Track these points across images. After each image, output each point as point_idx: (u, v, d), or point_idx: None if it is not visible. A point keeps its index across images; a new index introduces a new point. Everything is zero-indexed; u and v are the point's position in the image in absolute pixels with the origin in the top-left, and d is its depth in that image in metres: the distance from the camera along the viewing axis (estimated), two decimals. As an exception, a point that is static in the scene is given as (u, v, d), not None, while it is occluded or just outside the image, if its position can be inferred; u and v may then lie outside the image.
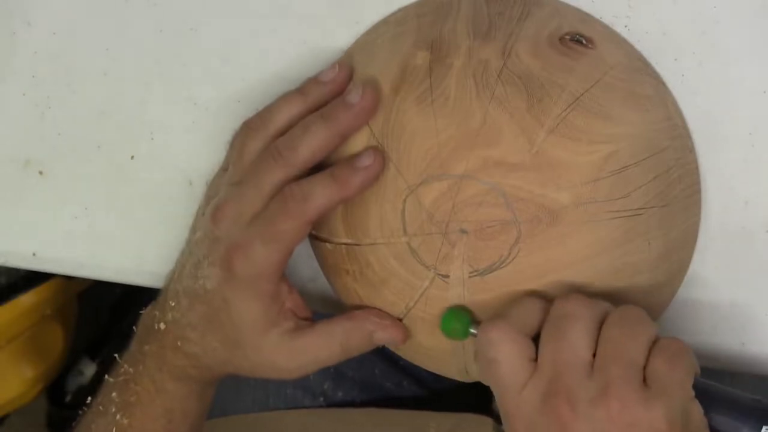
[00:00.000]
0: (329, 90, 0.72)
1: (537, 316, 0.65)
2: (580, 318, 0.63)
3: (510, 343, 0.64)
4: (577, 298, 0.65)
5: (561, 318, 0.64)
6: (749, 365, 0.76)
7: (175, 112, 0.81)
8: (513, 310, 0.65)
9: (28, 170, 0.83)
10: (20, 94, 0.82)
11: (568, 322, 0.63)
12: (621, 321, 0.63)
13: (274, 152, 0.69)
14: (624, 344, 0.62)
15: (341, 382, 0.96)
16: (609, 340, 0.62)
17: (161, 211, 0.82)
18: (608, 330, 0.63)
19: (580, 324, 0.63)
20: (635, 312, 0.64)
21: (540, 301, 0.66)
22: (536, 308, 0.66)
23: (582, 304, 0.64)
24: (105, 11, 0.80)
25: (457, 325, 0.68)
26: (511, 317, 0.65)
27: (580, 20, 0.71)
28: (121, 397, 0.75)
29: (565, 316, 0.64)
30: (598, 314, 0.64)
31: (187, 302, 0.71)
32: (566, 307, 0.64)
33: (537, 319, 0.65)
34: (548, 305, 0.65)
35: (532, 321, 0.65)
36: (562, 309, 0.64)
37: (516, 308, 0.66)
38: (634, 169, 0.67)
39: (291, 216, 0.68)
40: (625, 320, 0.63)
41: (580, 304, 0.64)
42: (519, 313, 0.65)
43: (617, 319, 0.63)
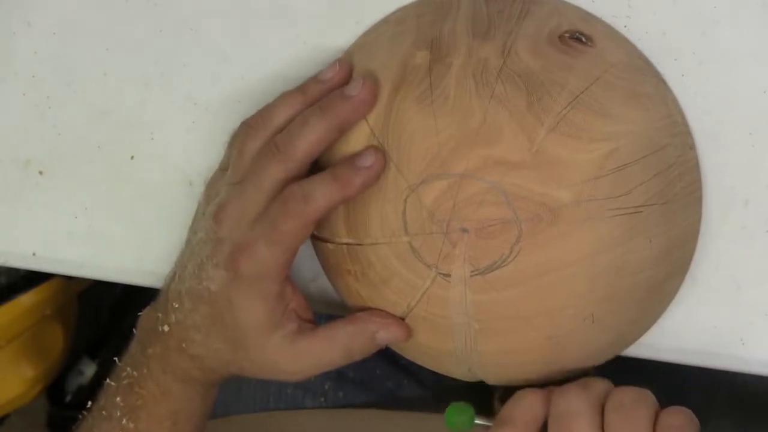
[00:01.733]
0: (329, 88, 0.72)
1: (540, 410, 0.68)
2: (581, 413, 0.66)
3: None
4: (574, 391, 0.68)
5: (564, 415, 0.67)
6: (749, 365, 0.76)
7: (175, 112, 0.81)
8: (517, 411, 0.68)
9: (28, 170, 0.83)
10: (20, 94, 0.82)
11: (572, 418, 0.66)
12: (619, 406, 0.66)
13: (272, 148, 0.69)
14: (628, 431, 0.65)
15: (342, 382, 0.96)
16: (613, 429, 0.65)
17: (161, 211, 0.82)
18: (609, 417, 0.66)
19: (582, 419, 0.66)
20: (630, 394, 0.67)
21: (539, 394, 0.69)
22: (537, 403, 0.68)
23: (580, 397, 0.67)
24: (105, 11, 0.80)
25: (462, 419, 0.71)
26: (517, 419, 0.68)
27: (579, 18, 0.71)
28: (125, 401, 0.75)
29: (567, 413, 0.67)
30: (597, 400, 0.67)
31: (191, 304, 0.71)
32: (566, 403, 0.67)
33: (540, 413, 0.68)
34: (548, 396, 0.68)
35: (537, 417, 0.68)
36: (563, 405, 0.67)
37: (519, 407, 0.69)
38: (634, 166, 0.67)
39: (292, 217, 0.68)
40: (622, 405, 0.66)
41: (578, 398, 0.67)
42: (523, 413, 0.68)
43: (615, 404, 0.66)
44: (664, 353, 0.76)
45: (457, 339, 0.70)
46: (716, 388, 0.88)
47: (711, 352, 0.76)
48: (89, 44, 0.81)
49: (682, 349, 0.76)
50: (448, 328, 0.70)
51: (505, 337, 0.69)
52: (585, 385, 0.68)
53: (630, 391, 0.67)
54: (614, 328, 0.70)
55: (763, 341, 0.75)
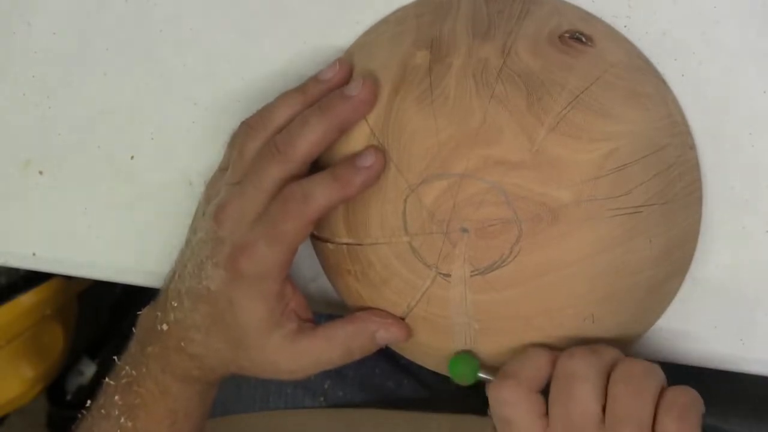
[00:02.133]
0: (329, 88, 0.72)
1: (545, 370, 0.68)
2: (587, 376, 0.66)
3: (521, 402, 0.67)
4: (582, 354, 0.67)
5: (568, 377, 0.66)
6: (749, 365, 0.76)
7: (175, 112, 0.81)
8: (521, 366, 0.68)
9: (28, 170, 0.83)
10: (20, 94, 0.82)
11: (576, 381, 0.66)
12: (627, 377, 0.66)
13: (272, 148, 0.69)
14: (632, 404, 0.64)
15: (342, 381, 0.96)
16: (617, 398, 0.65)
17: (161, 211, 0.82)
18: (615, 387, 0.65)
19: (587, 383, 0.66)
20: (640, 367, 0.66)
21: (546, 354, 0.68)
22: (543, 362, 0.68)
23: (587, 361, 0.66)
24: (105, 11, 0.80)
25: (466, 370, 0.71)
26: (520, 375, 0.67)
27: (579, 18, 0.71)
28: (124, 400, 0.75)
29: (572, 375, 0.66)
30: (604, 367, 0.66)
31: (191, 303, 0.71)
32: (572, 365, 0.67)
33: (545, 373, 0.68)
34: (554, 357, 0.68)
35: (541, 376, 0.68)
36: (568, 367, 0.67)
37: (524, 364, 0.68)
38: (634, 166, 0.67)
39: (292, 216, 0.68)
40: (630, 376, 0.66)
41: (585, 361, 0.66)
42: (527, 370, 0.68)
43: (623, 375, 0.66)
44: (664, 353, 0.76)
45: (457, 339, 0.70)
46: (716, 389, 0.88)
47: (711, 352, 0.76)
48: (89, 44, 0.81)
49: (683, 349, 0.76)
50: (448, 328, 0.70)
51: (505, 337, 0.69)
52: (594, 350, 0.67)
53: (639, 363, 0.66)
54: (614, 328, 0.70)
55: (763, 341, 0.75)
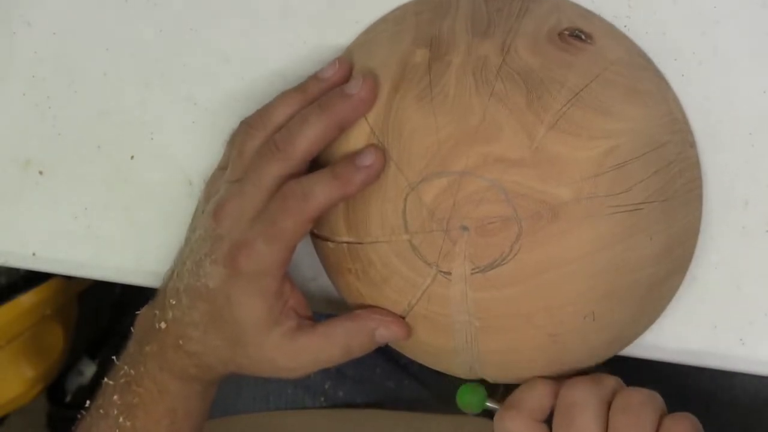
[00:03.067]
0: (329, 87, 0.72)
1: (548, 400, 0.70)
2: (588, 406, 0.67)
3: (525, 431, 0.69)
4: (584, 384, 0.68)
5: (570, 406, 0.68)
6: (749, 365, 0.76)
7: (175, 112, 0.81)
8: (525, 397, 0.70)
9: (28, 170, 0.83)
10: (20, 94, 0.82)
11: (577, 411, 0.67)
12: (627, 407, 0.67)
13: (272, 146, 0.69)
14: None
15: (342, 381, 0.96)
16: (618, 428, 0.66)
17: (161, 211, 0.82)
18: (615, 417, 0.67)
19: (588, 413, 0.67)
20: (639, 396, 0.68)
21: (549, 384, 0.70)
22: (547, 392, 0.70)
23: (588, 391, 0.68)
24: (105, 11, 0.80)
25: (473, 400, 0.73)
26: (524, 405, 0.69)
27: (579, 16, 0.71)
28: (123, 400, 0.75)
29: (574, 405, 0.68)
30: (605, 397, 0.68)
31: (189, 300, 0.71)
32: (574, 395, 0.68)
33: (548, 403, 0.69)
34: (557, 387, 0.70)
35: (544, 406, 0.69)
36: (570, 397, 0.68)
37: (528, 394, 0.70)
38: (634, 163, 0.67)
39: (291, 214, 0.68)
40: (630, 406, 0.67)
41: (586, 391, 0.68)
42: (531, 400, 0.70)
43: (623, 404, 0.67)
44: (664, 353, 0.76)
45: (458, 337, 0.70)
46: (716, 388, 0.89)
47: (711, 352, 0.76)
48: (89, 44, 0.81)
49: (682, 349, 0.76)
50: (449, 327, 0.70)
51: (505, 335, 0.69)
52: (595, 379, 0.69)
53: (638, 393, 0.68)
54: (615, 325, 0.70)
55: (763, 341, 0.75)
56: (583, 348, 0.71)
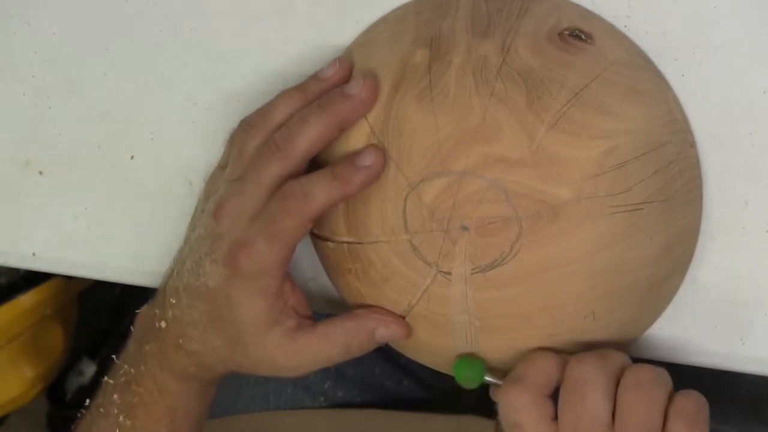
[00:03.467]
0: (329, 86, 0.72)
1: (554, 374, 0.68)
2: (597, 382, 0.66)
3: (531, 406, 0.67)
4: (592, 359, 0.67)
5: (578, 382, 0.67)
6: (749, 365, 0.76)
7: (175, 112, 0.81)
8: (530, 370, 0.68)
9: (28, 170, 0.83)
10: (20, 94, 0.83)
11: (586, 386, 0.66)
12: (636, 384, 0.66)
13: (271, 145, 0.69)
14: (642, 411, 0.65)
15: (341, 381, 0.96)
16: (626, 406, 0.65)
17: (161, 211, 0.82)
18: (625, 394, 0.66)
19: (597, 389, 0.66)
20: (649, 373, 0.67)
21: (555, 358, 0.68)
22: (553, 366, 0.68)
23: (597, 367, 0.67)
24: (105, 11, 0.80)
25: (471, 374, 0.71)
26: (529, 379, 0.68)
27: (579, 16, 0.71)
28: (122, 399, 0.75)
29: (582, 380, 0.66)
30: (613, 373, 0.67)
31: (189, 300, 0.71)
32: (582, 371, 0.67)
33: (554, 377, 0.68)
34: (564, 362, 0.68)
35: (550, 380, 0.68)
36: (578, 372, 0.67)
37: (533, 368, 0.68)
38: (634, 164, 0.67)
39: (291, 214, 0.68)
40: (640, 383, 0.66)
41: (595, 367, 0.67)
42: (536, 374, 0.68)
43: (633, 381, 0.66)
44: (665, 353, 0.76)
45: (458, 337, 0.70)
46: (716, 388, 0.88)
47: (711, 352, 0.76)
48: (89, 44, 0.81)
49: (682, 349, 0.76)
50: (449, 326, 0.70)
51: (505, 335, 0.69)
52: (604, 355, 0.68)
53: (648, 370, 0.67)
54: (614, 325, 0.70)
55: (763, 341, 0.75)
56: (583, 348, 0.71)
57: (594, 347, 0.70)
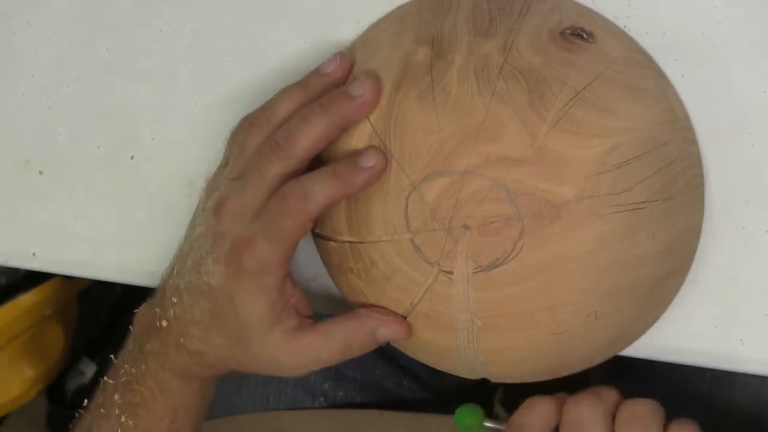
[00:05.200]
0: (330, 82, 0.72)
1: (552, 418, 0.70)
2: (593, 421, 0.68)
3: None
4: (588, 400, 0.69)
5: (575, 424, 0.69)
6: (749, 365, 0.76)
7: (175, 112, 0.81)
8: (528, 417, 0.70)
9: (28, 170, 0.83)
10: (20, 94, 0.83)
11: (583, 427, 0.68)
12: (632, 418, 0.68)
13: (272, 144, 0.69)
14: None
15: (342, 382, 0.96)
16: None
17: (161, 211, 0.82)
18: (623, 430, 0.68)
19: (594, 428, 0.68)
20: (643, 407, 0.69)
21: (552, 403, 0.70)
22: (551, 410, 0.70)
23: (593, 407, 0.69)
24: (105, 11, 0.81)
25: (471, 422, 0.73)
26: (528, 425, 0.70)
27: (580, 14, 0.71)
28: (124, 399, 0.75)
29: (578, 422, 0.69)
30: (609, 410, 0.69)
31: (190, 298, 0.71)
32: (579, 412, 0.69)
33: (553, 421, 0.70)
34: (560, 405, 0.70)
35: (549, 425, 0.70)
36: (575, 414, 0.69)
37: (531, 414, 0.70)
38: (636, 162, 0.67)
39: (291, 214, 0.68)
40: (636, 417, 0.68)
41: (591, 407, 0.69)
42: (534, 419, 0.70)
43: (628, 416, 0.68)
44: (664, 353, 0.76)
45: (460, 336, 0.70)
46: (716, 388, 0.89)
47: (711, 352, 0.76)
48: (89, 44, 0.81)
49: (682, 349, 0.76)
50: (451, 326, 0.70)
51: (508, 334, 0.69)
52: (597, 394, 0.69)
53: (642, 404, 0.69)
54: (617, 324, 0.70)
55: (763, 341, 0.75)
56: (586, 347, 0.71)
57: (596, 346, 0.71)
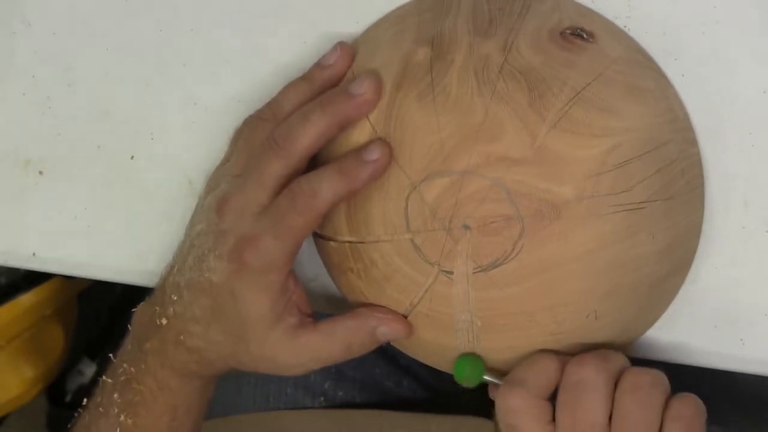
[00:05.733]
0: (333, 73, 0.72)
1: (553, 377, 0.68)
2: (595, 385, 0.67)
3: (529, 410, 0.68)
4: (591, 361, 0.68)
5: (576, 384, 0.67)
6: (749, 365, 0.76)
7: (175, 112, 0.81)
8: (530, 372, 0.69)
9: (28, 170, 0.83)
10: (20, 94, 0.83)
11: (584, 389, 0.67)
12: (634, 388, 0.66)
13: (272, 143, 0.69)
14: (639, 414, 0.66)
15: (342, 381, 0.96)
16: (624, 409, 0.66)
17: (161, 211, 0.82)
18: (623, 397, 0.66)
19: (595, 391, 0.67)
20: (647, 377, 0.67)
21: (555, 361, 0.69)
22: (552, 369, 0.68)
23: (596, 369, 0.67)
24: (105, 11, 0.81)
25: (470, 373, 0.71)
26: (528, 382, 0.68)
27: (580, 14, 0.71)
28: (123, 398, 0.75)
29: (580, 383, 0.67)
30: (612, 376, 0.67)
31: (191, 296, 0.71)
32: (581, 373, 0.67)
33: (553, 379, 0.68)
34: (563, 364, 0.69)
35: (549, 383, 0.68)
36: (576, 374, 0.67)
37: (532, 370, 0.69)
38: (636, 162, 0.67)
39: (300, 212, 0.68)
40: (638, 387, 0.67)
41: (594, 369, 0.67)
42: (536, 377, 0.68)
43: (631, 385, 0.67)
44: (664, 353, 0.76)
45: (460, 336, 0.70)
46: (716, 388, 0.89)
47: (711, 352, 0.76)
48: (89, 44, 0.81)
49: (682, 349, 0.76)
50: (451, 326, 0.70)
51: (508, 333, 0.69)
52: (604, 357, 0.68)
53: (646, 373, 0.67)
54: (617, 324, 0.70)
55: (763, 341, 0.75)
56: (585, 347, 0.71)
57: (596, 346, 0.70)
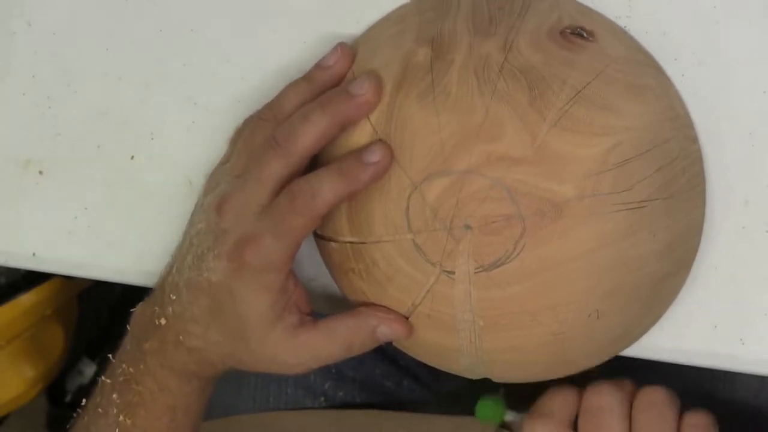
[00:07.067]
0: (334, 74, 0.72)
1: (573, 406, 0.75)
2: (613, 410, 0.73)
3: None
4: (608, 388, 0.74)
5: (596, 411, 0.74)
6: (749, 365, 0.76)
7: (175, 112, 0.81)
8: (554, 404, 0.75)
9: (28, 170, 0.83)
10: (20, 94, 0.83)
11: (603, 415, 0.73)
12: (650, 405, 0.73)
13: (272, 143, 0.69)
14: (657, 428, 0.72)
15: (342, 382, 0.96)
16: (642, 425, 0.73)
17: (161, 211, 0.82)
18: (640, 415, 0.73)
19: (613, 414, 0.73)
20: (660, 394, 0.74)
21: (574, 391, 0.76)
22: (572, 399, 0.75)
23: (613, 395, 0.74)
24: (105, 11, 0.81)
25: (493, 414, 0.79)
26: (553, 412, 0.75)
27: (580, 13, 0.71)
28: (122, 398, 0.75)
29: (599, 409, 0.74)
30: (626, 398, 0.74)
31: (190, 295, 0.71)
32: (599, 399, 0.74)
33: (574, 408, 0.75)
34: (580, 392, 0.75)
35: (570, 411, 0.75)
36: (595, 401, 0.74)
37: (556, 401, 0.75)
38: (637, 161, 0.67)
39: (300, 213, 0.68)
40: (653, 404, 0.73)
41: (610, 395, 0.74)
42: (560, 407, 0.75)
43: (646, 403, 0.73)
44: (664, 353, 0.76)
45: (462, 336, 0.70)
46: (716, 388, 0.89)
47: (711, 352, 0.76)
48: (89, 44, 0.81)
49: (682, 349, 0.76)
50: (453, 325, 0.70)
51: (510, 333, 0.69)
52: (617, 382, 0.74)
53: (659, 391, 0.73)
54: (619, 323, 0.70)
55: (763, 341, 0.75)
56: (588, 346, 0.71)
57: (598, 345, 0.71)
